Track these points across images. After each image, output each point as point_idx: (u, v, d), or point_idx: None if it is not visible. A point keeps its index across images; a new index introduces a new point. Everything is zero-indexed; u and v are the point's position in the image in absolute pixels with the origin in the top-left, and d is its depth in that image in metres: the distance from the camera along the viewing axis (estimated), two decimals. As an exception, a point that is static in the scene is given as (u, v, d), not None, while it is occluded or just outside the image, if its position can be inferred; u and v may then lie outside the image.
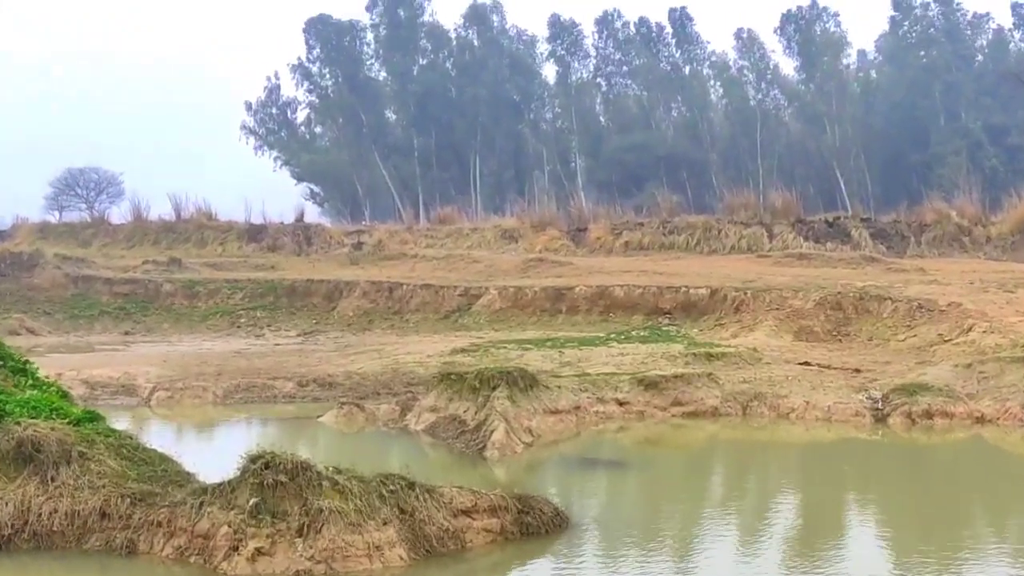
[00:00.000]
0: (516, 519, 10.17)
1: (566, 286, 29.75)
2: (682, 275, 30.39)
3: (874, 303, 25.13)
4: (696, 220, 38.35)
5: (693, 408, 17.31)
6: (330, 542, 9.00)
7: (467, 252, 37.51)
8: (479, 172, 64.81)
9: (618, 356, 20.79)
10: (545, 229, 39.31)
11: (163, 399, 19.31)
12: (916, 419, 16.37)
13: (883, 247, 35.52)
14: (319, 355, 24.00)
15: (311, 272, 35.11)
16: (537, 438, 15.45)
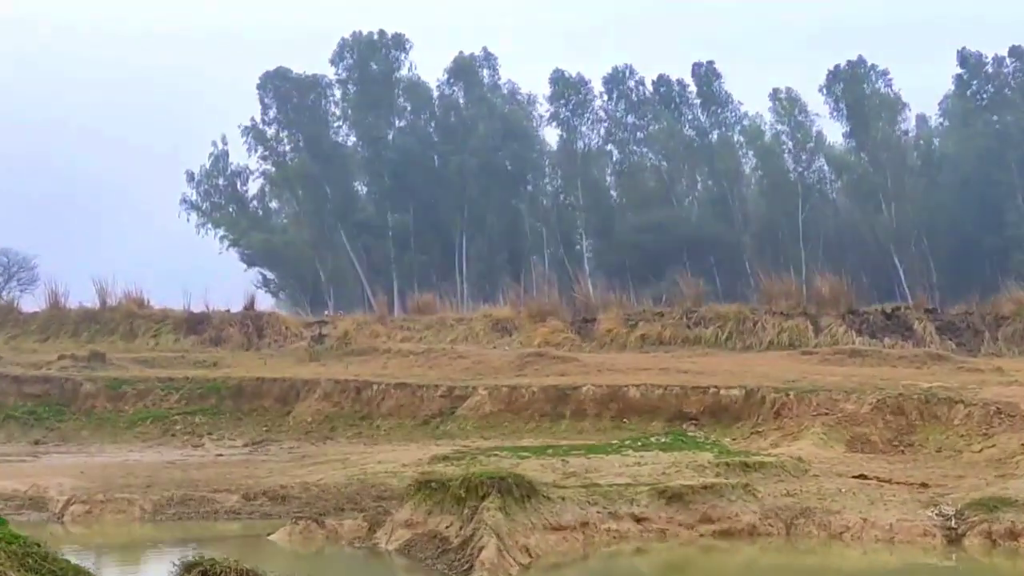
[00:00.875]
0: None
1: (571, 386, 29.62)
2: (711, 374, 30.28)
3: (943, 407, 25.01)
4: (727, 310, 38.29)
5: (726, 526, 17.11)
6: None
7: (451, 346, 37.41)
8: (466, 255, 64.81)
9: (634, 466, 20.61)
10: (545, 319, 39.25)
11: (79, 514, 19.09)
12: (998, 539, 16.16)
13: (952, 343, 35.48)
14: (270, 466, 23.83)
15: (262, 370, 34.95)
16: (536, 559, 15.23)
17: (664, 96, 66.59)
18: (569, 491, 17.57)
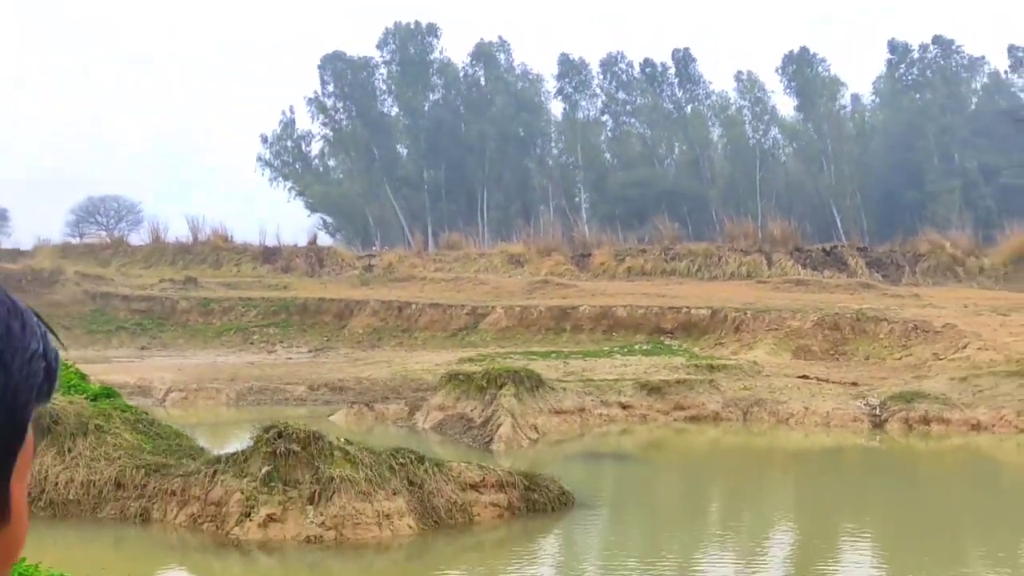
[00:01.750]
0: (523, 495, 10.07)
1: (570, 306, 29.67)
2: (683, 298, 30.31)
3: (870, 324, 25.02)
4: (697, 247, 38.29)
5: (695, 412, 17.20)
6: (340, 509, 8.91)
7: (474, 275, 37.47)
8: (486, 205, 64.78)
9: (621, 366, 20.69)
10: (550, 254, 39.27)
11: (177, 400, 19.23)
12: (913, 425, 16.24)
13: (879, 275, 35.44)
14: (329, 366, 23.95)
15: (322, 292, 35.06)
16: (542, 436, 15.34)
17: (649, 76, 66.12)
18: (569, 384, 17.66)
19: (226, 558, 8.83)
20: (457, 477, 9.76)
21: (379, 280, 37.74)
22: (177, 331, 31.94)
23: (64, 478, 9.73)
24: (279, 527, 8.84)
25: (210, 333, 31.75)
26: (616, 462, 14.40)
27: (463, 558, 9.29)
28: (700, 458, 16.08)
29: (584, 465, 13.89)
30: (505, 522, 9.80)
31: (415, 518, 9.20)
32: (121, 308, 33.17)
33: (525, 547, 9.76)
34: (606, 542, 9.84)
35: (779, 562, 9.32)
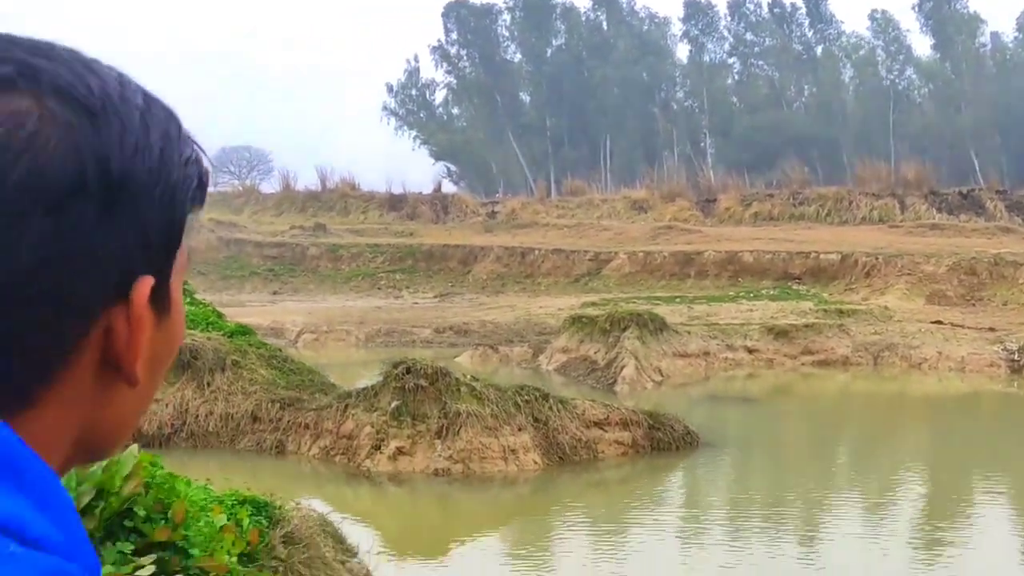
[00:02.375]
0: (647, 434, 10.11)
1: (695, 251, 29.40)
2: (812, 243, 29.70)
3: (1009, 269, 24.20)
4: (827, 191, 37.39)
5: (824, 357, 16.94)
6: (467, 443, 9.10)
7: (597, 221, 37.36)
8: (609, 151, 64.34)
9: (747, 311, 20.47)
10: (674, 200, 38.84)
11: (309, 341, 19.78)
12: (1054, 370, 15.71)
13: (1019, 219, 34.09)
14: (454, 310, 24.28)
15: (447, 238, 35.44)
16: (666, 378, 15.32)
17: (777, 17, 64.53)
18: (693, 328, 17.58)
19: (357, 488, 9.12)
20: (582, 415, 9.86)
21: (502, 227, 37.94)
22: (307, 276, 32.74)
23: (204, 411, 10.15)
24: (408, 460, 9.09)
25: (339, 278, 32.46)
26: (742, 405, 14.31)
27: (587, 494, 9.40)
28: (828, 403, 15.84)
29: (709, 407, 13.83)
30: (629, 460, 9.87)
31: (540, 453, 9.33)
32: (254, 254, 34.12)
33: (649, 485, 9.82)
34: (730, 483, 9.83)
35: (907, 511, 9.17)
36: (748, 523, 8.51)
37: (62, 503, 0.64)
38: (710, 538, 8.13)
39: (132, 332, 0.69)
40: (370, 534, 7.46)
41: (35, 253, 0.65)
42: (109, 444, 0.73)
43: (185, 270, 0.79)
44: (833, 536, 7.96)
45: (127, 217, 0.69)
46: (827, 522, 8.52)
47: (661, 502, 9.38)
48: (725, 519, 8.81)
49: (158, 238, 0.72)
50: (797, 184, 39.41)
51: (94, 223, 0.67)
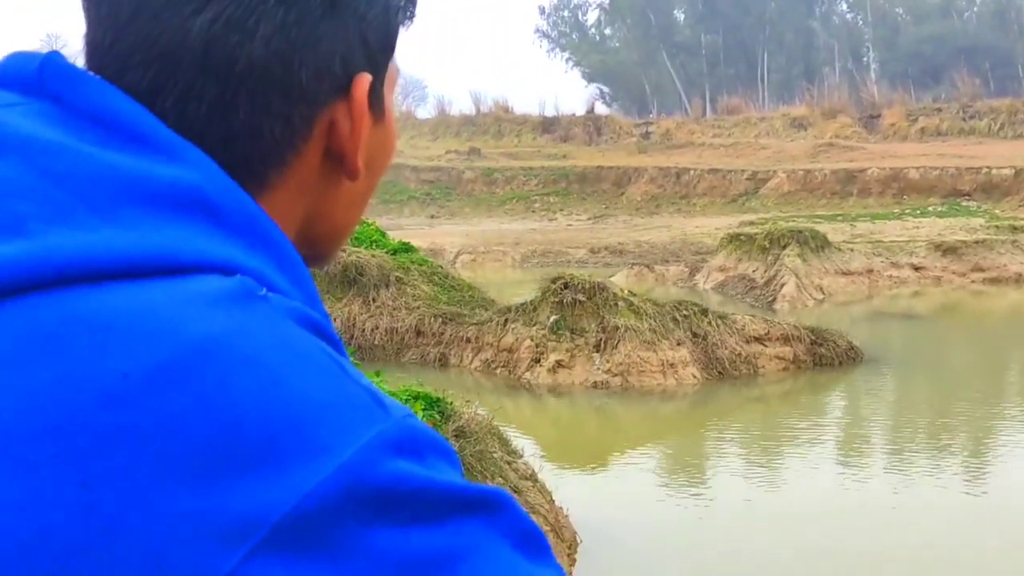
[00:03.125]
0: (809, 349, 10.00)
1: (858, 169, 28.58)
2: (983, 158, 28.47)
3: None
4: (1000, 104, 35.65)
5: (995, 274, 16.34)
6: (626, 357, 9.17)
7: (754, 140, 36.60)
8: (767, 69, 62.61)
9: (913, 228, 19.85)
10: (835, 116, 37.69)
11: (467, 261, 20.12)
12: None
13: None
14: (609, 231, 24.28)
15: (601, 160, 35.29)
16: (828, 296, 15.05)
17: (947, -80, 61.35)
18: (856, 246, 17.17)
19: (518, 399, 9.31)
20: (741, 330, 9.80)
21: (656, 147, 37.54)
22: (463, 200, 33.16)
23: (370, 325, 10.50)
24: (567, 372, 9.23)
25: (494, 202, 32.77)
26: (907, 323, 13.95)
27: (748, 408, 9.38)
28: (999, 321, 15.28)
29: (872, 325, 13.52)
30: (791, 375, 9.79)
31: (699, 368, 9.35)
32: (411, 179, 34.69)
33: (811, 399, 9.72)
34: (895, 398, 9.66)
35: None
36: (911, 443, 8.37)
37: (300, 268, 0.70)
38: (870, 457, 8.04)
39: (354, 124, 0.73)
40: (531, 442, 7.65)
41: (267, 42, 0.70)
42: (327, 244, 0.78)
43: (395, 84, 0.85)
44: (997, 460, 7.77)
45: (349, 15, 0.74)
46: (992, 445, 8.31)
47: (823, 416, 9.29)
48: (887, 439, 8.68)
49: (376, 41, 0.76)
50: (967, 97, 37.70)
51: (319, 16, 0.72)
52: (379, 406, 0.59)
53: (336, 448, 0.56)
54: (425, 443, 0.61)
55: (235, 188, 0.66)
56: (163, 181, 0.62)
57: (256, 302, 0.59)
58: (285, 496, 0.54)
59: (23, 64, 0.67)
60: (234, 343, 0.56)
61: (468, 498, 0.60)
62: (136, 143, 0.64)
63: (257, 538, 0.54)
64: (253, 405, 0.55)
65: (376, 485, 0.56)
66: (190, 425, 0.54)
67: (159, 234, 0.60)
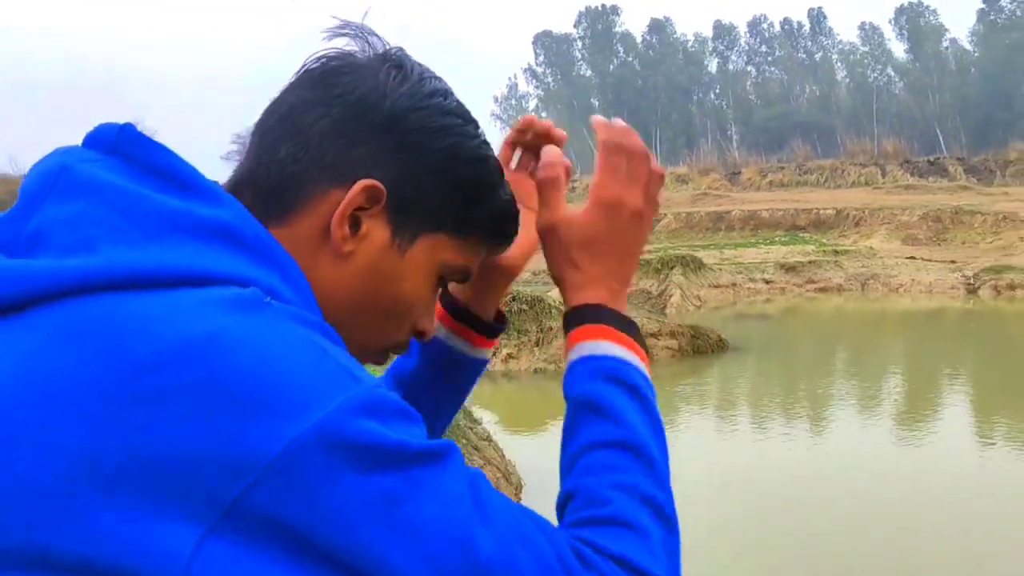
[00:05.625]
0: (690, 341, 10.01)
1: (725, 211, 28.79)
2: (814, 202, 28.78)
3: (967, 216, 23.17)
4: (825, 163, 36.17)
5: (823, 285, 16.49)
6: (558, 349, 9.11)
7: (651, 192, 36.82)
8: (659, 140, 63.29)
9: (765, 253, 20.01)
10: (708, 174, 38.02)
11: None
12: (1001, 291, 15.05)
13: (974, 179, 32.54)
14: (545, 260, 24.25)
15: (540, 207, 35.26)
16: (704, 304, 15.11)
17: (787, 32, 62.42)
18: (724, 267, 17.26)
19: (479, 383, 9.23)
20: (641, 327, 9.79)
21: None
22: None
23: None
24: (515, 362, 9.16)
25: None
26: (761, 321, 14.05)
27: (647, 385, 9.38)
28: (827, 319, 15.45)
29: (736, 323, 13.62)
30: (677, 360, 9.79)
31: (611, 357, 9.32)
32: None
33: (692, 378, 9.74)
34: (754, 376, 9.70)
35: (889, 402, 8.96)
36: (769, 411, 8.42)
37: (302, 283, 0.69)
38: (739, 422, 8.07)
39: (342, 207, 0.71)
40: (489, 413, 7.58)
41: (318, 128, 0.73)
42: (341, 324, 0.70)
43: (460, 262, 0.79)
44: (833, 424, 7.83)
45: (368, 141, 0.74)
46: (829, 410, 8.37)
47: (703, 388, 9.31)
48: (750, 407, 8.71)
49: (431, 186, 0.76)
50: (801, 159, 38.27)
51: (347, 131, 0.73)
52: (352, 378, 0.59)
53: (314, 407, 0.56)
54: (388, 407, 0.60)
55: (256, 224, 0.66)
56: (202, 217, 0.64)
57: (262, 306, 0.60)
58: (274, 443, 0.55)
59: (106, 131, 0.68)
60: (238, 332, 0.58)
61: (417, 451, 0.59)
62: (184, 189, 0.65)
63: (254, 475, 0.55)
64: (251, 375, 0.56)
65: (345, 438, 0.57)
66: (203, 387, 0.55)
67: (194, 254, 0.62)
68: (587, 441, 0.71)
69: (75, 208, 0.62)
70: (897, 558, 4.56)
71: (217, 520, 0.54)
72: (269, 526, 0.55)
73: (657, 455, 0.71)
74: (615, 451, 0.70)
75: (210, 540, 0.54)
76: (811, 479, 6.01)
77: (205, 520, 0.54)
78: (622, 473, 0.69)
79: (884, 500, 5.44)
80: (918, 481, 5.87)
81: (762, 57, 63.36)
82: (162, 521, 0.53)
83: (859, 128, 56.81)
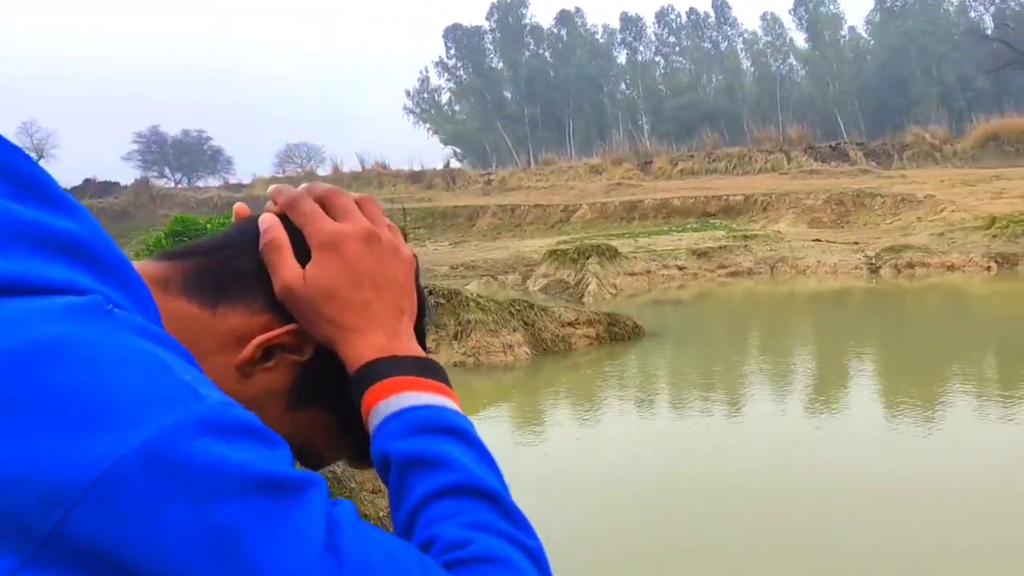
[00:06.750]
0: (607, 329, 10.13)
1: (638, 200, 29.26)
2: (723, 189, 29.55)
3: (868, 199, 24.13)
4: (733, 151, 37.13)
5: (733, 269, 16.91)
6: (476, 343, 9.11)
7: (565, 183, 37.10)
8: (572, 131, 63.79)
9: (677, 240, 20.42)
10: (621, 164, 38.55)
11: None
12: (901, 269, 15.72)
13: (873, 163, 33.92)
14: (464, 253, 24.18)
15: (456, 201, 35.19)
16: (620, 291, 15.31)
17: (693, 22, 63.67)
18: (639, 254, 17.53)
19: (399, 379, 9.14)
20: (559, 317, 9.86)
21: (496, 190, 37.70)
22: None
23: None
24: (434, 356, 9.08)
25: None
26: (675, 307, 14.32)
27: (566, 373, 9.44)
28: (738, 302, 15.86)
29: (652, 309, 13.85)
30: (595, 348, 9.90)
31: (529, 347, 9.35)
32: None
33: (611, 364, 9.86)
34: (670, 360, 9.88)
35: (800, 379, 9.25)
36: (686, 392, 8.57)
37: (146, 298, 0.64)
38: (658, 404, 8.19)
39: (268, 335, 0.69)
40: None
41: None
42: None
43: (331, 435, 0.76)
44: (748, 401, 8.03)
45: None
46: (743, 391, 8.58)
47: (621, 374, 9.44)
48: (668, 389, 8.87)
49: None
50: (710, 147, 39.16)
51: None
52: (193, 394, 0.54)
53: (141, 425, 0.51)
54: (235, 425, 0.54)
55: (108, 240, 0.63)
56: (51, 227, 0.61)
57: (100, 315, 0.56)
58: (94, 464, 0.50)
59: None
60: (71, 342, 0.53)
61: (264, 477, 0.53)
62: (40, 200, 0.62)
63: (70, 501, 0.49)
64: (77, 388, 0.52)
65: (176, 459, 0.51)
66: (26, 398, 0.51)
67: (36, 265, 0.58)
68: (423, 494, 0.64)
69: None
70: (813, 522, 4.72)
71: (32, 553, 0.49)
72: (90, 558, 0.49)
73: (501, 490, 0.66)
74: (457, 498, 0.64)
75: (24, 575, 0.48)
76: (723, 453, 6.17)
77: (20, 553, 0.49)
78: (473, 515, 0.63)
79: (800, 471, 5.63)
80: (832, 452, 6.09)
81: (670, 48, 64.54)
82: None
83: (764, 116, 58.48)
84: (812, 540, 4.54)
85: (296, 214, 0.74)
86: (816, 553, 4.35)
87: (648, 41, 64.83)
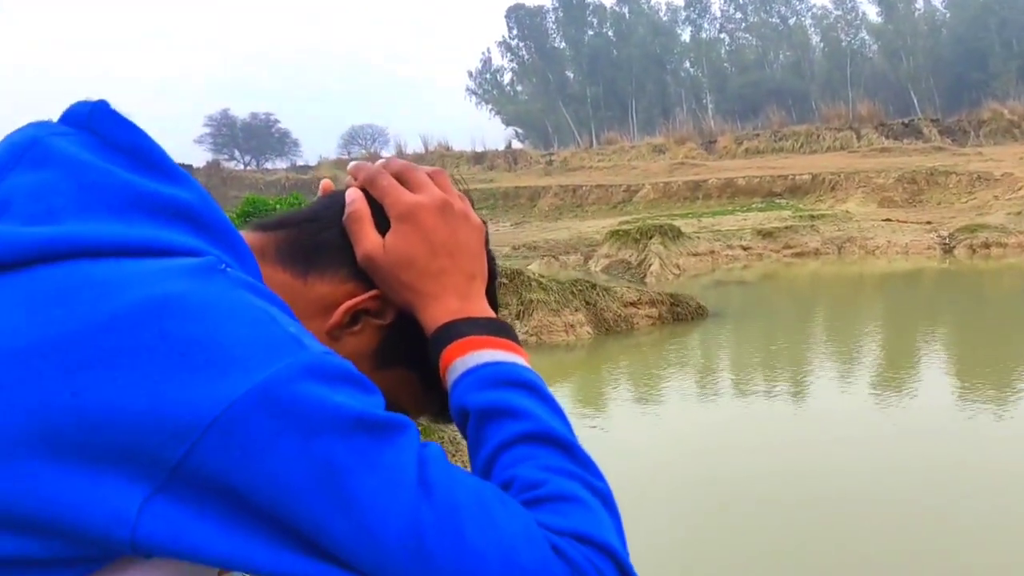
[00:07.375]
0: (669, 309, 10.07)
1: (702, 180, 28.83)
2: (790, 168, 28.91)
3: (942, 177, 23.35)
4: (800, 129, 36.21)
5: (799, 250, 16.61)
6: (539, 322, 9.15)
7: (627, 163, 36.75)
8: (635, 110, 63.08)
9: (742, 220, 20.11)
10: (685, 143, 38.00)
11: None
12: (976, 249, 15.23)
13: (949, 140, 32.76)
14: (526, 233, 24.22)
15: (518, 182, 35.17)
16: (683, 272, 15.17)
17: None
18: (702, 234, 17.32)
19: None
20: (620, 297, 9.83)
21: (558, 171, 37.56)
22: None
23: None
24: (497, 335, 9.18)
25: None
26: (739, 287, 14.14)
27: (628, 353, 9.42)
28: (804, 283, 15.57)
29: (715, 290, 13.69)
30: (657, 328, 9.85)
31: (591, 327, 9.36)
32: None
33: (673, 345, 9.80)
34: (733, 340, 9.78)
35: (869, 362, 9.06)
36: (749, 373, 8.49)
37: (251, 261, 0.70)
38: (720, 385, 8.13)
39: (353, 301, 0.74)
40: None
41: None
42: None
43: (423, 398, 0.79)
44: (814, 384, 7.91)
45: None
46: (809, 372, 8.46)
47: (683, 355, 9.38)
48: (730, 370, 8.79)
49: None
50: (777, 125, 38.31)
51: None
52: (298, 344, 0.59)
53: (255, 370, 0.57)
54: (336, 372, 0.59)
55: (216, 207, 0.68)
56: (165, 196, 0.66)
57: (217, 274, 0.61)
58: (216, 404, 0.55)
59: (80, 107, 0.69)
60: (193, 297, 0.58)
61: (362, 417, 0.58)
62: (151, 169, 0.67)
63: (195, 436, 0.55)
64: (199, 336, 0.57)
65: (286, 400, 0.56)
66: (154, 345, 0.56)
67: (153, 230, 0.64)
68: (500, 442, 0.68)
69: (41, 179, 0.64)
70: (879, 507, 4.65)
71: (163, 481, 0.55)
72: (214, 487, 0.55)
73: (571, 438, 0.69)
74: (531, 444, 0.67)
75: (156, 500, 0.54)
76: (791, 430, 6.10)
77: (152, 481, 0.54)
78: (547, 459, 0.67)
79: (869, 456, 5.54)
80: (900, 439, 5.97)
81: (736, 24, 63.22)
82: (109, 482, 0.54)
83: (834, 93, 56.90)
84: (907, 544, 4.47)
85: (375, 188, 0.78)
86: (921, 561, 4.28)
87: (712, 18, 63.64)
